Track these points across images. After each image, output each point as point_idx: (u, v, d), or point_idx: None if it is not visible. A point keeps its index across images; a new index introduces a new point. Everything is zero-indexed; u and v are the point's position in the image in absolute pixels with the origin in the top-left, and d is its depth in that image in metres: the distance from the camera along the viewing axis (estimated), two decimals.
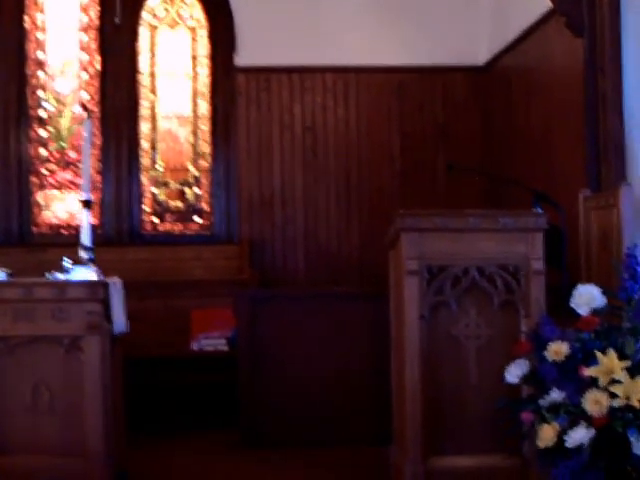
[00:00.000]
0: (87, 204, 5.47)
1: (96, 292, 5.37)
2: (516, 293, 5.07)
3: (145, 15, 9.35)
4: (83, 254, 5.50)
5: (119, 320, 5.63)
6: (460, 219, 5.14)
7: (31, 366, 5.39)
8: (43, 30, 9.37)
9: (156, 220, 9.37)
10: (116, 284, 5.64)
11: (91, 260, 5.51)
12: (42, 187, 9.32)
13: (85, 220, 5.50)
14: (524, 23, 7.96)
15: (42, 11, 9.37)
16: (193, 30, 9.39)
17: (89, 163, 5.45)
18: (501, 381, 4.65)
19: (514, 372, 4.56)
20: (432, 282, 5.12)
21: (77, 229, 9.15)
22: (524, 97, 8.15)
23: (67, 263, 5.55)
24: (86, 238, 5.50)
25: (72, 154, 9.31)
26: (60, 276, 5.51)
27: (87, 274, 5.42)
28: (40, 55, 9.34)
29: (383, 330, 6.04)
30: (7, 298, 5.33)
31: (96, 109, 9.26)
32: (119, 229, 9.18)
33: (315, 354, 7.07)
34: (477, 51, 9.22)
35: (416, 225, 5.17)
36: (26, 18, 9.30)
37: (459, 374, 5.13)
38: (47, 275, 5.53)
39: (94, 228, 9.15)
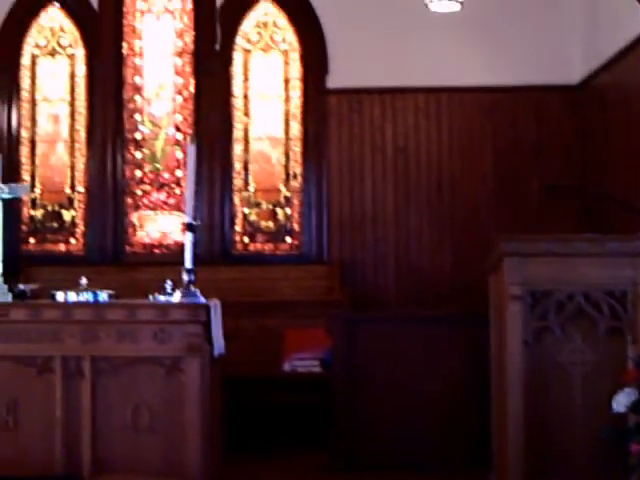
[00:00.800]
0: (190, 227, 5.54)
1: (197, 314, 5.44)
2: (623, 319, 4.98)
3: (239, 40, 9.44)
4: (185, 276, 5.56)
5: (218, 342, 5.68)
6: (565, 244, 5.08)
7: (133, 386, 5.47)
8: (140, 55, 9.56)
9: (247, 240, 9.43)
10: (216, 306, 5.70)
11: (192, 282, 5.56)
12: (137, 208, 9.48)
13: (188, 243, 5.56)
14: (621, 41, 7.84)
15: (140, 37, 9.56)
16: (286, 53, 9.46)
17: (193, 187, 5.52)
18: (608, 410, 4.55)
19: (622, 400, 4.47)
20: (536, 307, 5.06)
21: (169, 248, 9.37)
22: (623, 115, 8.02)
23: (168, 285, 5.62)
24: (188, 261, 5.56)
25: (166, 175, 9.48)
26: (162, 298, 5.57)
27: (188, 296, 5.47)
28: (137, 80, 9.53)
29: (478, 353, 6.00)
30: (112, 319, 5.42)
31: (190, 131, 9.42)
32: (211, 249, 9.26)
33: (409, 376, 7.02)
34: (571, 70, 9.11)
35: (520, 250, 5.12)
36: (124, 45, 9.51)
37: (564, 401, 5.05)
38: (150, 297, 5.60)
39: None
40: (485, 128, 9.23)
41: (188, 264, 5.56)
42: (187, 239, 5.57)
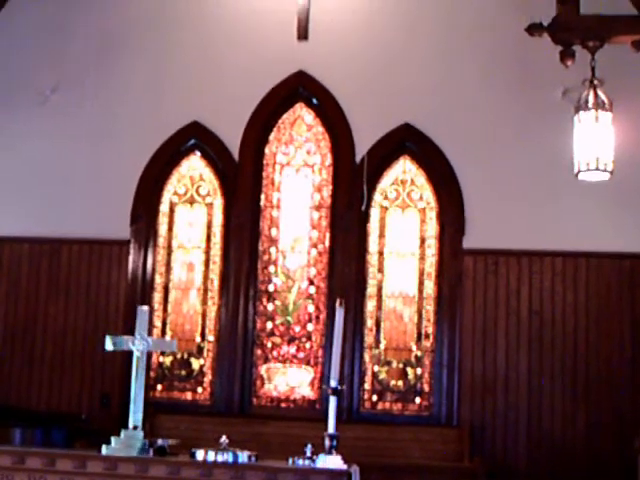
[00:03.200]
0: (335, 392, 5.44)
1: None
2: None
3: (377, 196, 9.49)
4: (327, 441, 5.43)
5: None
6: None
7: None
8: (277, 207, 9.66)
9: (375, 398, 9.28)
10: (356, 472, 5.55)
11: (335, 448, 5.44)
12: (266, 360, 9.43)
13: (332, 408, 5.45)
14: None
15: (278, 190, 9.68)
16: (423, 211, 9.47)
17: (339, 351, 5.44)
18: None
19: None
20: None
21: (296, 403, 9.28)
22: None
23: (308, 449, 5.50)
24: (331, 426, 5.45)
25: (297, 329, 9.44)
26: (301, 462, 5.45)
27: (331, 462, 5.34)
28: (273, 232, 9.62)
29: None
30: None
31: (323, 284, 9.42)
32: (339, 406, 9.03)
33: None
34: None
35: None
36: (262, 196, 9.64)
37: None
38: (289, 460, 5.48)
39: (312, 403, 9.25)
40: (623, 295, 9.02)
41: (331, 429, 5.44)
42: (331, 404, 5.48)
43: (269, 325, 9.49)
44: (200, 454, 5.50)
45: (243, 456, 5.48)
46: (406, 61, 9.49)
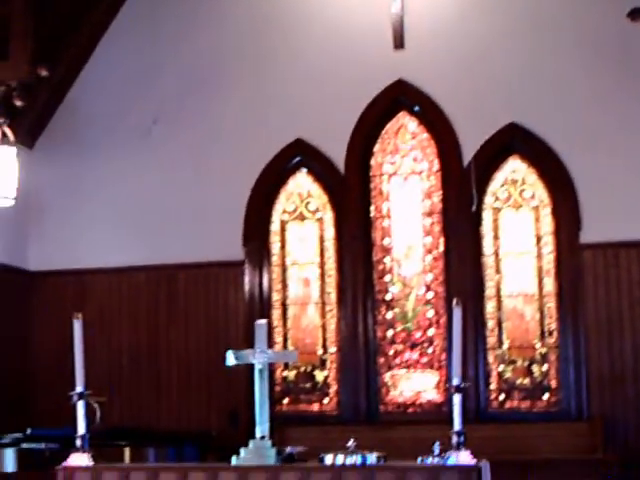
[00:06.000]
0: (459, 389, 5.42)
1: (470, 477, 5.25)
2: None
3: (488, 198, 9.42)
4: (455, 438, 5.41)
5: None
6: None
7: None
8: (388, 217, 9.67)
9: (503, 398, 9.22)
10: (486, 467, 5.51)
11: (462, 444, 5.41)
12: (389, 368, 9.46)
13: (457, 405, 5.43)
14: None
15: (387, 199, 9.69)
16: (536, 209, 9.36)
17: (459, 349, 5.42)
18: None
19: None
20: None
21: (423, 407, 9.29)
22: None
23: (437, 447, 5.48)
24: (457, 423, 5.42)
25: (418, 335, 9.43)
26: (430, 460, 5.43)
27: (460, 458, 5.32)
28: (386, 241, 9.63)
29: None
30: None
31: (440, 289, 9.40)
32: (465, 407, 8.99)
33: None
34: None
35: None
36: (372, 207, 9.65)
37: None
38: (418, 459, 5.46)
39: (439, 405, 9.23)
40: None
41: (457, 426, 5.41)
42: (456, 401, 5.45)
43: (390, 333, 9.51)
44: (329, 458, 5.52)
45: (372, 458, 5.49)
46: (506, 60, 9.39)
